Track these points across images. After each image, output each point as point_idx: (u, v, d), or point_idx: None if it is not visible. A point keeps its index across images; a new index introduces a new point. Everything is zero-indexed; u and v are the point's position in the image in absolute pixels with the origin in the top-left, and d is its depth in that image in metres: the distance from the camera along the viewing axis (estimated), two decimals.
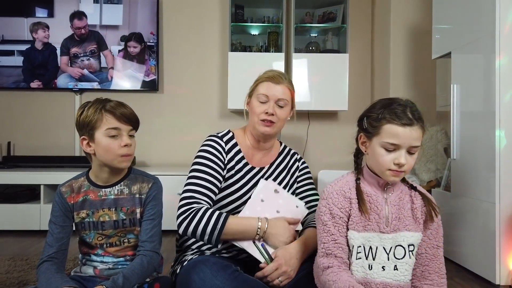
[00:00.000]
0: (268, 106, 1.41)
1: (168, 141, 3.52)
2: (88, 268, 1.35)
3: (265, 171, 1.49)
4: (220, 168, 1.40)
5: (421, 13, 3.13)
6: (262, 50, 3.41)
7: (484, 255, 1.99)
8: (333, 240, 1.16)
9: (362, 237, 1.16)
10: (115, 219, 1.33)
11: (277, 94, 1.42)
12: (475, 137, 2.09)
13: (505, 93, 1.91)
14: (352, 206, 1.18)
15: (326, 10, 3.42)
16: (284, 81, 1.45)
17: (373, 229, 1.16)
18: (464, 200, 2.17)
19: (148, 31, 3.41)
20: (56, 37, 3.40)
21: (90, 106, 1.28)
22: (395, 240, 1.16)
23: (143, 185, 1.36)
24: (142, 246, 1.31)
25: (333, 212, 1.17)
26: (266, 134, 1.44)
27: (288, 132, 3.54)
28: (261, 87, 1.44)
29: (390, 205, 1.18)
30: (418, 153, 1.14)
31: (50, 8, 3.39)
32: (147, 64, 3.42)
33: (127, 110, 1.31)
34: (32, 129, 3.47)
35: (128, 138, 1.30)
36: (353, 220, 1.17)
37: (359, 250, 1.16)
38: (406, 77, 3.18)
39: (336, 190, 1.20)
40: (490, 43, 1.95)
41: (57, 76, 3.39)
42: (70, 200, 1.32)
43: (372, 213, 1.17)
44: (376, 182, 1.20)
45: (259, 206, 1.36)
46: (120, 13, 3.40)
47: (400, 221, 1.17)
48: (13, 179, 2.97)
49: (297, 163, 1.57)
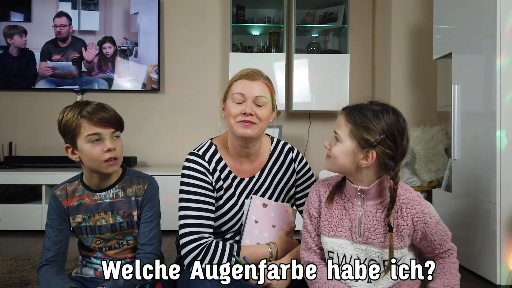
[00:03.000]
0: (245, 106, 1.27)
1: (169, 141, 3.52)
2: (88, 270, 1.35)
3: (256, 180, 1.39)
4: (210, 191, 1.31)
5: (422, 13, 3.13)
6: (263, 51, 3.42)
7: (484, 255, 1.99)
8: (310, 237, 1.20)
9: (332, 242, 1.13)
10: (112, 223, 1.31)
11: (254, 92, 1.28)
12: (476, 138, 2.09)
13: (506, 94, 1.90)
14: (321, 209, 1.17)
15: (327, 10, 3.42)
16: (260, 77, 1.32)
17: (346, 236, 1.12)
18: (465, 200, 2.17)
19: (122, 36, 3.42)
20: (34, 42, 3.35)
21: (69, 111, 1.24)
22: (368, 253, 1.11)
23: (138, 187, 1.33)
24: (142, 249, 1.29)
25: (310, 212, 1.20)
26: (247, 137, 1.28)
27: (289, 132, 3.54)
28: (236, 86, 1.30)
29: (364, 214, 1.11)
30: (341, 146, 1.10)
31: (27, 12, 3.35)
32: (120, 65, 3.42)
33: (107, 113, 1.24)
34: (33, 129, 3.48)
35: (111, 141, 1.24)
36: (322, 223, 1.15)
37: (330, 255, 1.14)
38: (407, 77, 3.18)
39: (315, 190, 1.21)
40: (491, 43, 1.95)
41: (35, 82, 3.37)
42: (65, 203, 1.30)
43: (346, 219, 1.13)
44: (349, 188, 1.14)
45: (256, 229, 1.33)
46: (97, 19, 3.41)
47: (374, 235, 1.09)
48: (14, 179, 2.98)
49: (293, 165, 1.43)
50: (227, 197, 1.35)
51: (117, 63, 3.42)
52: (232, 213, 1.35)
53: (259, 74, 1.33)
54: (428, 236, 1.11)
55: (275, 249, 1.29)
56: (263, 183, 1.39)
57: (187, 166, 1.33)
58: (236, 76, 1.33)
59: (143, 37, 3.44)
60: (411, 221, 1.09)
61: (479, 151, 2.06)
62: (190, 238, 1.24)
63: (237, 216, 1.35)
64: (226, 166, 1.37)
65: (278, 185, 1.41)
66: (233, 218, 1.35)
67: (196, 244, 1.23)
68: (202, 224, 1.27)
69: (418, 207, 1.09)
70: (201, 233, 1.25)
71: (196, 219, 1.26)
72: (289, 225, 1.38)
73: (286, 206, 1.40)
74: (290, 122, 3.58)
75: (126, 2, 3.42)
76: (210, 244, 1.24)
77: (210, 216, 1.29)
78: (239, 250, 1.25)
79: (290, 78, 3.35)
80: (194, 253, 1.22)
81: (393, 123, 1.06)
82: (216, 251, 1.22)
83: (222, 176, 1.35)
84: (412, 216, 1.09)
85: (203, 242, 1.24)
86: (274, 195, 1.40)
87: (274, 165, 1.42)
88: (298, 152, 1.47)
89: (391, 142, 1.05)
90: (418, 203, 1.10)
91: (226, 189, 1.35)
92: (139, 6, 3.43)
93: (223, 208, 1.34)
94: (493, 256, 1.91)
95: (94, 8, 3.40)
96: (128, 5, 3.42)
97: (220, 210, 1.34)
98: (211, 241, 1.25)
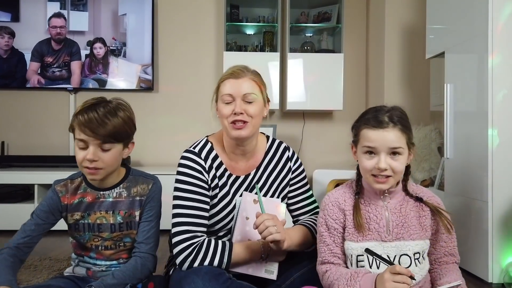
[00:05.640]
0: (234, 106, 1.26)
1: (163, 140, 3.51)
2: (81, 269, 1.34)
3: (251, 177, 1.39)
4: (205, 190, 1.31)
5: (415, 13, 3.15)
6: (258, 50, 3.42)
7: (477, 254, 2.00)
8: (329, 250, 1.19)
9: (361, 246, 1.15)
10: (112, 223, 1.30)
11: (242, 90, 1.27)
12: (469, 136, 2.10)
13: (498, 92, 1.92)
14: (347, 217, 1.18)
15: (321, 10, 3.43)
16: (247, 73, 1.30)
17: (374, 238, 1.15)
18: (457, 199, 2.18)
19: (111, 36, 3.40)
20: (22, 42, 3.31)
21: (81, 105, 1.23)
22: (399, 248, 1.14)
23: (143, 186, 1.32)
24: (138, 248, 1.29)
25: (328, 224, 1.20)
26: (241, 138, 1.29)
27: (283, 131, 3.55)
28: (223, 86, 1.30)
29: (390, 213, 1.16)
30: (406, 156, 1.13)
31: (15, 12, 3.30)
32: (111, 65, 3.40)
33: (102, 126, 1.17)
34: (26, 128, 3.45)
35: (96, 152, 1.19)
36: (348, 232, 1.17)
37: (360, 258, 1.15)
38: (400, 76, 3.19)
39: (332, 201, 1.21)
40: (483, 42, 1.96)
41: (26, 84, 3.33)
42: (64, 200, 1.29)
43: (372, 222, 1.16)
44: (373, 190, 1.18)
45: (247, 225, 1.33)
46: (86, 19, 3.38)
47: (404, 229, 1.15)
48: (7, 178, 2.96)
49: (289, 164, 1.44)
50: (222, 195, 1.35)
51: (109, 63, 3.40)
52: (226, 211, 1.34)
53: (245, 70, 1.31)
54: (440, 230, 1.19)
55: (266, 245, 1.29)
56: (259, 181, 1.39)
57: (183, 164, 1.32)
58: (223, 76, 1.32)
59: (132, 37, 3.41)
60: (429, 210, 1.19)
61: (471, 150, 2.07)
62: (182, 237, 1.24)
63: (231, 215, 1.35)
64: (222, 163, 1.36)
65: (273, 183, 1.41)
66: (227, 216, 1.35)
67: (189, 243, 1.22)
68: (196, 223, 1.26)
69: (433, 199, 1.22)
70: (194, 232, 1.25)
71: (189, 218, 1.26)
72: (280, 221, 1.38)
73: (277, 202, 1.40)
74: (284, 122, 3.59)
75: (114, 2, 3.39)
76: (202, 243, 1.23)
77: (204, 215, 1.29)
78: (231, 248, 1.25)
79: (284, 78, 3.35)
80: (186, 252, 1.21)
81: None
82: (208, 250, 1.22)
83: (217, 173, 1.35)
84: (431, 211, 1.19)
85: (195, 241, 1.23)
86: (269, 193, 1.40)
87: (270, 163, 1.42)
88: (293, 151, 1.48)
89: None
90: (433, 195, 1.23)
91: (221, 187, 1.35)
92: (128, 6, 3.41)
93: (218, 206, 1.34)
94: (485, 254, 1.92)
95: (83, 8, 3.37)
96: (116, 5, 3.40)
97: (215, 208, 1.34)
98: (203, 240, 1.24)
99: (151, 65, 3.42)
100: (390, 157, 1.12)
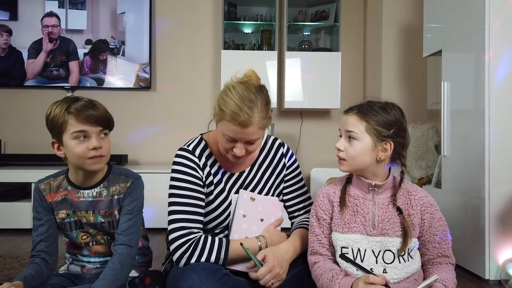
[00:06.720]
0: (236, 147, 1.22)
1: (160, 139, 3.51)
2: (75, 267, 1.34)
3: (246, 174, 1.38)
4: (200, 187, 1.30)
5: (413, 12, 3.16)
6: (255, 48, 3.42)
7: (474, 251, 2.01)
8: (318, 240, 1.23)
9: (346, 238, 1.17)
10: (93, 222, 1.29)
11: (246, 137, 1.20)
12: (466, 134, 2.11)
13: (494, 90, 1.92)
14: (334, 208, 1.21)
15: (319, 8, 3.43)
16: (254, 119, 1.17)
17: (360, 231, 1.17)
18: (454, 197, 2.19)
19: (109, 35, 3.40)
20: (21, 41, 3.32)
21: (57, 106, 1.22)
22: (383, 244, 1.15)
23: (121, 185, 1.30)
24: (117, 240, 1.26)
25: (318, 214, 1.24)
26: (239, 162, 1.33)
27: (281, 130, 3.55)
28: (227, 127, 1.19)
29: (377, 208, 1.18)
30: (365, 145, 1.14)
31: (13, 10, 3.30)
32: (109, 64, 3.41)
33: (96, 111, 1.21)
34: (23, 127, 3.44)
35: (98, 139, 1.21)
36: (335, 222, 1.20)
37: (344, 250, 1.17)
38: (398, 75, 3.20)
39: (323, 193, 1.26)
40: (480, 40, 1.97)
41: (23, 83, 3.34)
42: (48, 198, 1.29)
43: (358, 215, 1.18)
44: (362, 184, 1.20)
45: (244, 223, 1.33)
46: (84, 18, 3.38)
47: (389, 225, 1.16)
48: (4, 177, 2.95)
49: (283, 160, 1.43)
50: (217, 192, 1.34)
51: (108, 62, 3.40)
52: (222, 209, 1.34)
53: (253, 113, 1.16)
54: (431, 229, 1.19)
55: (264, 243, 1.29)
56: (254, 178, 1.39)
57: (177, 162, 1.32)
58: (228, 115, 1.17)
59: (131, 35, 3.41)
60: (420, 210, 1.18)
61: (468, 148, 2.08)
62: (179, 233, 1.23)
63: (226, 212, 1.35)
64: (216, 161, 1.36)
65: (268, 180, 1.41)
66: (223, 213, 1.34)
67: (185, 240, 1.22)
68: (191, 219, 1.26)
69: (425, 198, 1.20)
70: (190, 229, 1.25)
71: (185, 214, 1.26)
72: (277, 219, 1.38)
73: (274, 200, 1.41)
74: (282, 120, 3.59)
75: (113, 0, 3.39)
76: (199, 239, 1.23)
77: (199, 212, 1.29)
78: (228, 245, 1.25)
79: (282, 76, 3.36)
80: (182, 249, 1.21)
81: (399, 115, 1.18)
82: (205, 247, 1.22)
83: (212, 171, 1.34)
84: (420, 206, 1.18)
85: (192, 237, 1.23)
86: (264, 190, 1.40)
87: (265, 160, 1.42)
88: (288, 147, 1.47)
89: (402, 132, 1.17)
90: (425, 195, 1.21)
91: (216, 184, 1.34)
92: (126, 4, 3.40)
93: (213, 204, 1.34)
94: (482, 251, 1.93)
95: (81, 7, 3.37)
96: (115, 3, 3.40)
97: (210, 205, 1.33)
98: (199, 236, 1.24)
99: (149, 64, 3.42)
100: (347, 141, 1.17)
